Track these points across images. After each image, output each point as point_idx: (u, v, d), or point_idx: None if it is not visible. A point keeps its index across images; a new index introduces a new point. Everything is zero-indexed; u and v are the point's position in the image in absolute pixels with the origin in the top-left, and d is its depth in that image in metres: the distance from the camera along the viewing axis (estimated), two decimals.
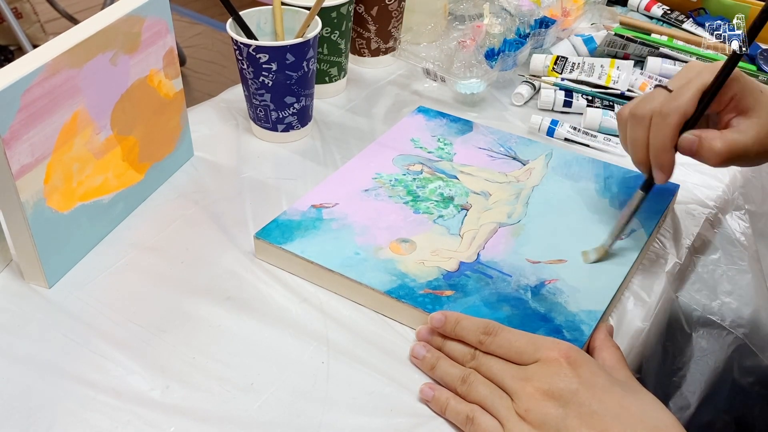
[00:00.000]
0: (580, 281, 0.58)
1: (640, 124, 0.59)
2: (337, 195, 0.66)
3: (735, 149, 0.56)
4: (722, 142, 0.56)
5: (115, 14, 0.60)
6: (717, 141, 0.56)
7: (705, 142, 0.57)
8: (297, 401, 0.51)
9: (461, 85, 0.83)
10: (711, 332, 0.70)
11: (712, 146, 0.56)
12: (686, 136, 0.57)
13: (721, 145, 0.56)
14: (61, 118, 0.56)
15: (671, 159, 0.58)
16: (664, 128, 0.57)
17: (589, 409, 0.45)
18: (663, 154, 0.58)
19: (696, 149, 0.57)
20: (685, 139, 0.57)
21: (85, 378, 0.52)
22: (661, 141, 0.58)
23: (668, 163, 0.58)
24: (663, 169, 0.59)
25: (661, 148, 0.58)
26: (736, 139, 0.57)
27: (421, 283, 0.57)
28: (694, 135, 0.57)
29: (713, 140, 0.56)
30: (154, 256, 0.63)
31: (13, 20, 1.92)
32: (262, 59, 0.71)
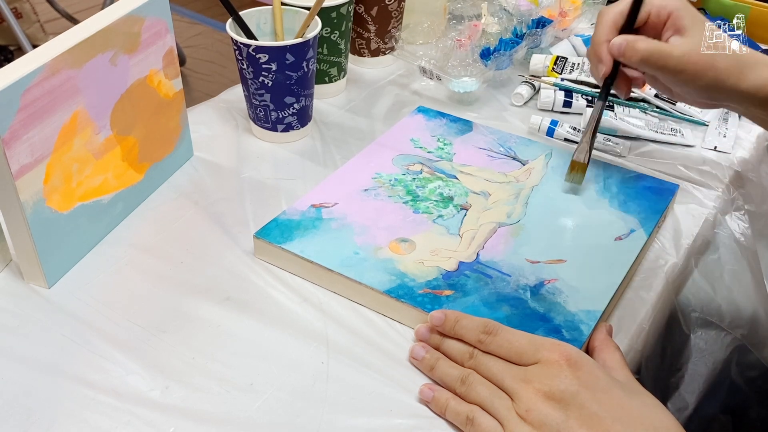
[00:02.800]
0: (580, 281, 0.58)
1: None
2: (336, 195, 0.66)
3: (656, 53, 0.61)
4: (646, 44, 0.61)
5: (114, 14, 0.60)
6: (641, 42, 0.62)
7: (630, 43, 0.62)
8: (297, 401, 0.51)
9: (455, 83, 0.83)
10: (710, 333, 0.70)
11: (635, 46, 0.61)
12: (616, 39, 0.63)
13: (644, 46, 0.61)
14: (60, 118, 0.56)
15: (606, 52, 0.64)
16: (602, 25, 0.64)
17: (590, 411, 0.45)
18: (597, 47, 0.64)
19: (623, 50, 0.62)
20: (615, 42, 0.63)
21: (85, 378, 0.52)
22: (597, 36, 0.65)
23: (605, 56, 0.64)
24: (601, 60, 0.64)
25: (596, 41, 0.65)
26: (661, 47, 0.61)
27: (420, 282, 0.57)
28: (623, 37, 0.63)
29: (637, 41, 0.62)
30: (153, 257, 0.63)
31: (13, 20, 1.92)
32: (261, 59, 0.71)
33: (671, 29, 0.62)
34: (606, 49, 0.64)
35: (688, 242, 0.67)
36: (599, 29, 0.65)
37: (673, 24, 0.62)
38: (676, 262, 0.65)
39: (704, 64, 0.60)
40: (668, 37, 0.63)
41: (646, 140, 0.80)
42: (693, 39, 0.61)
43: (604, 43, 0.64)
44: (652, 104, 0.84)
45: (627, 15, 0.64)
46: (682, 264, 0.65)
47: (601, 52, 0.64)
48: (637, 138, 0.79)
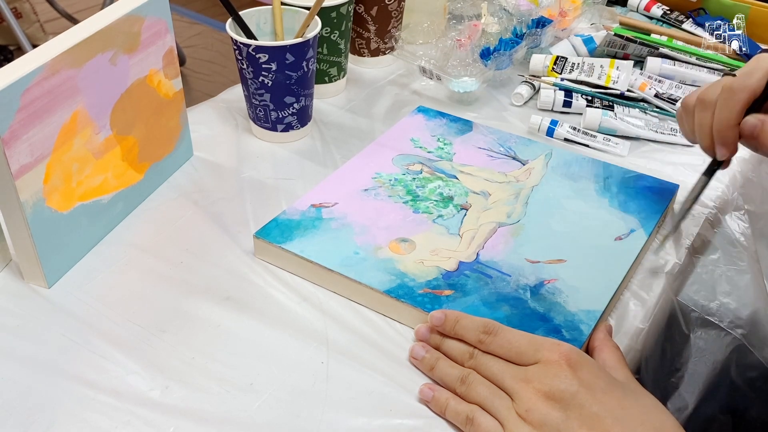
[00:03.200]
0: (580, 281, 0.58)
1: (707, 109, 0.58)
2: (336, 194, 0.66)
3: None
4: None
5: (114, 14, 0.60)
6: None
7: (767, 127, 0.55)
8: (296, 401, 0.51)
9: (455, 83, 0.83)
10: (709, 333, 0.70)
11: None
12: (750, 118, 0.56)
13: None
14: (60, 118, 0.56)
15: (735, 135, 0.57)
16: (731, 104, 0.56)
17: (590, 411, 0.45)
18: (727, 130, 0.57)
19: (758, 133, 0.55)
20: (749, 121, 0.56)
21: (85, 378, 0.52)
22: (726, 116, 0.56)
23: (732, 140, 0.57)
24: (726, 145, 0.57)
25: (726, 124, 0.56)
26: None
27: (420, 282, 0.57)
28: (758, 118, 0.56)
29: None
30: (153, 256, 0.63)
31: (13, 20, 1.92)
32: (261, 59, 0.71)
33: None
34: (735, 133, 0.57)
35: (688, 242, 0.67)
36: (730, 109, 0.56)
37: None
38: (676, 261, 0.65)
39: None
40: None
41: (646, 140, 0.80)
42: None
43: (735, 127, 0.56)
44: (652, 104, 0.84)
45: (762, 92, 0.56)
46: (682, 264, 0.65)
47: (729, 136, 0.57)
48: (637, 138, 0.80)
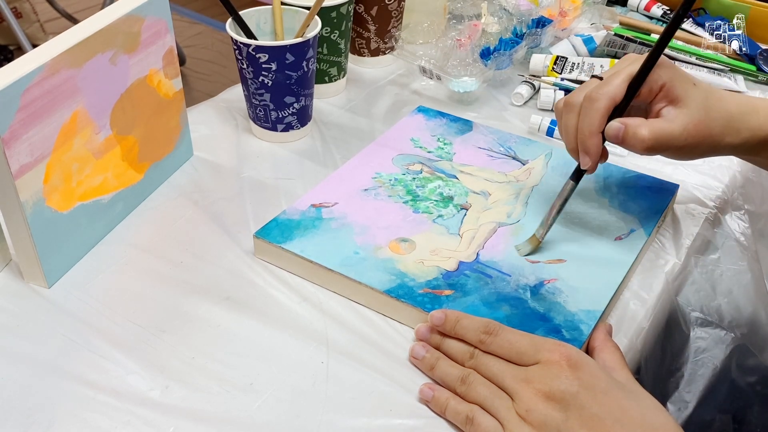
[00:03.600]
0: (580, 281, 0.58)
1: (572, 111, 0.59)
2: (336, 194, 0.66)
3: (661, 137, 0.57)
4: (648, 129, 0.56)
5: (114, 14, 0.60)
6: (643, 128, 0.57)
7: (631, 129, 0.57)
8: (296, 401, 0.51)
9: (455, 83, 0.83)
10: (709, 332, 0.70)
11: (637, 133, 0.56)
12: (613, 123, 0.57)
13: (647, 133, 0.56)
14: (60, 118, 0.56)
15: (597, 144, 0.58)
16: (592, 113, 0.57)
17: (590, 412, 0.45)
18: (589, 139, 0.58)
19: (622, 136, 0.57)
20: (612, 127, 0.57)
21: (85, 378, 0.52)
22: (588, 125, 0.58)
23: (594, 148, 0.58)
24: (589, 153, 0.58)
25: (588, 132, 0.58)
26: (662, 128, 0.57)
27: (420, 282, 0.57)
28: (620, 122, 0.57)
29: (639, 127, 0.57)
30: (153, 256, 0.63)
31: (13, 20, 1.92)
32: (261, 59, 0.71)
33: (664, 100, 0.58)
34: (597, 141, 0.58)
35: (688, 242, 0.67)
36: (591, 117, 0.57)
37: (666, 95, 0.58)
38: (676, 261, 0.65)
39: (702, 134, 0.58)
40: (660, 109, 0.58)
41: None
42: (689, 109, 0.57)
43: (597, 135, 0.58)
44: None
45: (623, 98, 0.58)
46: (682, 263, 0.65)
47: (592, 145, 0.58)
48: None
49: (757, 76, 0.90)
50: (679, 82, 0.58)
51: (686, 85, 0.58)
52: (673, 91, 0.57)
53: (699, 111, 0.57)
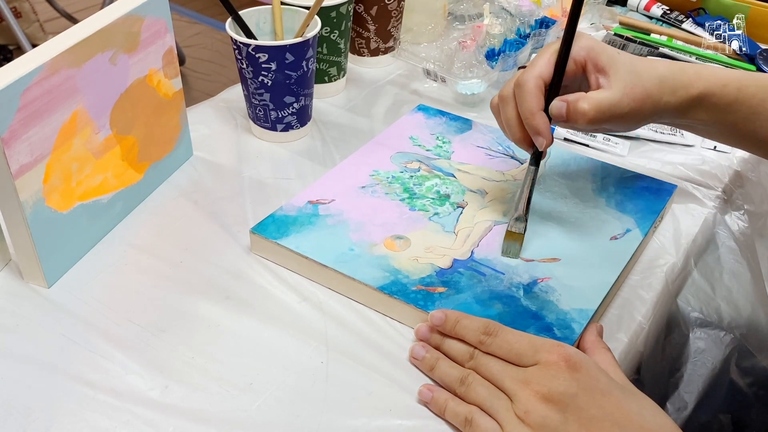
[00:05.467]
0: (573, 280, 0.58)
1: (508, 103, 0.59)
2: (333, 191, 0.67)
3: (601, 106, 0.56)
4: (588, 101, 0.56)
5: (114, 14, 0.60)
6: (583, 102, 0.56)
7: (572, 105, 0.56)
8: (296, 401, 0.51)
9: (462, 85, 0.83)
10: (708, 333, 0.71)
11: (578, 108, 0.56)
12: (555, 103, 0.57)
13: (588, 105, 0.56)
14: (60, 118, 0.56)
15: (544, 121, 0.58)
16: (526, 95, 0.57)
17: (588, 414, 0.45)
18: (533, 118, 0.57)
19: (566, 113, 0.57)
20: (554, 106, 0.57)
21: (84, 377, 0.52)
22: (527, 107, 0.57)
23: (543, 126, 0.58)
24: (540, 132, 0.58)
25: (529, 113, 0.57)
26: (603, 97, 0.56)
27: (414, 279, 0.57)
28: (560, 100, 0.57)
29: (578, 101, 0.56)
30: (153, 256, 0.63)
31: (12, 19, 1.92)
32: (261, 59, 0.71)
33: (593, 72, 0.58)
34: (543, 119, 0.58)
35: (688, 242, 0.67)
36: (527, 99, 0.57)
37: (594, 67, 0.58)
38: (675, 261, 0.65)
39: (640, 96, 0.57)
40: (596, 80, 0.58)
41: (646, 140, 0.80)
42: (619, 74, 0.57)
43: (539, 113, 0.57)
44: None
45: (553, 75, 0.58)
46: (681, 264, 0.65)
47: (539, 124, 0.57)
48: (637, 138, 0.80)
49: None
50: (602, 51, 0.58)
51: (610, 52, 0.58)
52: (599, 61, 0.57)
53: (630, 75, 0.57)
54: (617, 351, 0.56)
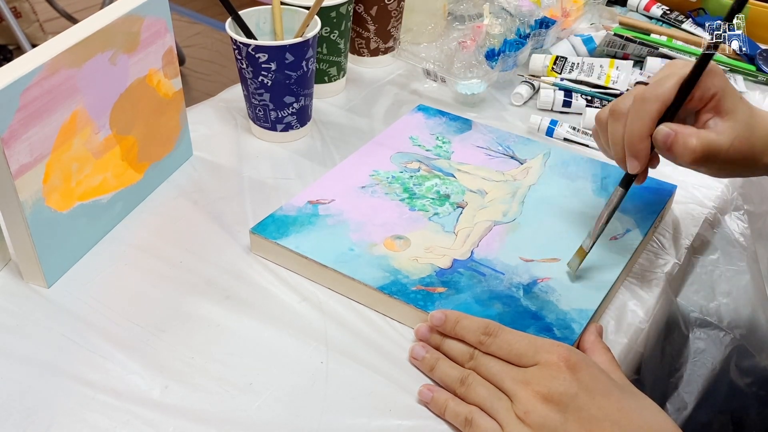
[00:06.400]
0: (573, 280, 0.58)
1: (619, 120, 0.57)
2: (333, 191, 0.67)
3: (710, 149, 0.54)
4: (698, 139, 0.54)
5: (114, 14, 0.60)
6: (693, 138, 0.54)
7: (680, 138, 0.54)
8: (296, 401, 0.51)
9: (462, 85, 0.83)
10: (708, 333, 0.70)
11: (687, 142, 0.54)
12: (662, 128, 0.55)
13: (697, 143, 0.54)
14: (60, 118, 0.56)
15: (646, 147, 0.56)
16: (643, 115, 0.55)
17: (588, 414, 0.45)
18: (639, 142, 0.56)
19: (671, 143, 0.55)
20: (661, 131, 0.55)
21: (84, 377, 0.52)
22: (638, 128, 0.55)
23: (644, 152, 0.56)
24: (638, 157, 0.56)
25: (638, 135, 0.56)
26: (712, 140, 0.55)
27: (413, 279, 0.57)
28: (670, 128, 0.55)
29: (689, 136, 0.54)
30: (153, 256, 0.63)
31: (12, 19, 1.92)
32: (261, 59, 0.71)
33: (711, 111, 0.56)
34: (647, 144, 0.55)
35: (688, 242, 0.67)
36: (642, 120, 0.55)
37: (715, 106, 0.55)
38: (675, 261, 0.65)
39: (745, 151, 0.55)
40: (707, 120, 0.56)
41: None
42: (736, 123, 0.55)
43: (647, 138, 0.55)
44: None
45: (673, 102, 0.55)
46: (681, 264, 0.65)
47: (641, 148, 0.56)
48: None
49: (756, 76, 0.90)
50: (730, 94, 0.56)
51: (735, 98, 0.56)
52: (723, 103, 0.55)
53: (745, 126, 0.55)
54: (617, 351, 0.56)
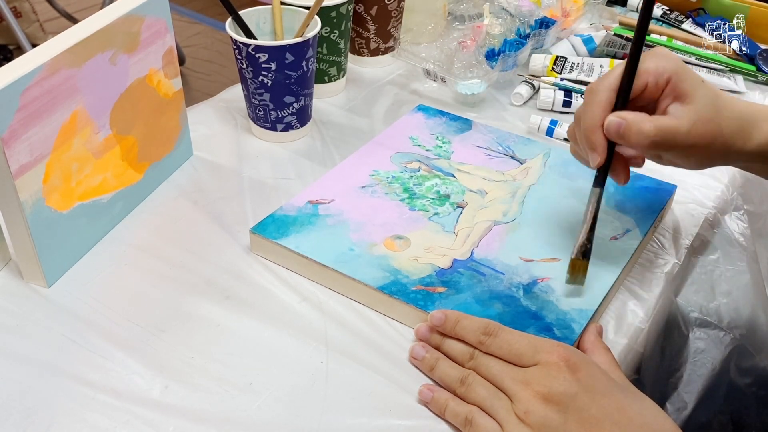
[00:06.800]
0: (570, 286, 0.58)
1: (579, 122, 0.57)
2: (333, 191, 0.67)
3: (666, 133, 0.52)
4: (652, 124, 0.52)
5: (114, 14, 0.60)
6: (646, 123, 0.52)
7: (633, 125, 0.52)
8: (296, 401, 0.51)
9: (462, 85, 0.83)
10: (708, 333, 0.70)
11: (641, 128, 0.52)
12: (611, 118, 0.53)
13: (650, 127, 0.52)
14: (60, 118, 0.56)
15: (601, 138, 0.54)
16: (593, 106, 0.54)
17: (588, 414, 0.45)
18: (592, 134, 0.54)
19: (623, 131, 0.53)
20: (611, 122, 0.53)
21: (84, 377, 0.52)
22: (590, 119, 0.54)
23: (599, 143, 0.54)
24: (595, 149, 0.54)
25: (590, 126, 0.54)
26: (668, 124, 0.52)
27: (413, 279, 0.58)
28: (619, 116, 0.53)
29: (642, 123, 0.52)
30: (153, 256, 0.63)
31: (12, 19, 1.92)
32: (261, 59, 0.71)
33: (670, 96, 0.54)
34: (601, 134, 0.54)
35: (688, 242, 0.67)
36: (592, 111, 0.54)
37: (673, 90, 0.54)
38: (675, 262, 0.65)
39: (712, 133, 0.53)
40: (667, 106, 0.54)
41: None
42: (696, 105, 0.53)
43: (599, 128, 0.54)
44: None
45: (618, 90, 0.54)
46: (681, 264, 0.65)
47: (596, 139, 0.54)
48: None
49: (756, 76, 0.90)
50: (687, 78, 0.54)
51: (694, 81, 0.54)
52: (681, 86, 0.53)
53: (708, 109, 0.53)
54: (617, 351, 0.56)
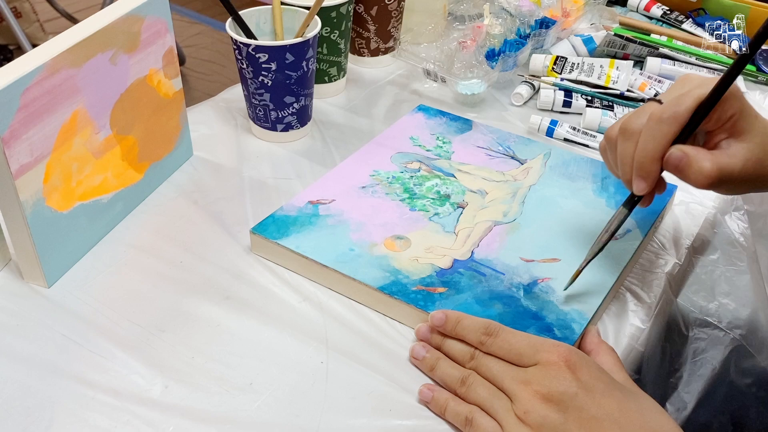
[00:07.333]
0: None
1: (630, 139, 0.54)
2: (334, 191, 0.67)
3: (724, 173, 0.52)
4: (712, 163, 0.51)
5: (114, 14, 0.60)
6: (707, 162, 0.51)
7: (694, 161, 0.51)
8: (296, 401, 0.51)
9: (462, 85, 0.83)
10: (708, 333, 0.71)
11: (701, 166, 0.51)
12: (674, 151, 0.52)
13: (711, 167, 0.51)
14: (60, 118, 0.56)
15: (657, 169, 0.53)
16: (658, 136, 0.52)
17: (588, 414, 0.45)
18: (650, 164, 0.53)
19: (683, 166, 0.52)
20: (673, 155, 0.52)
21: (84, 377, 0.52)
22: (652, 148, 0.52)
23: (654, 174, 0.53)
24: (647, 179, 0.53)
25: (651, 156, 0.53)
26: (726, 163, 0.52)
27: (414, 279, 0.58)
28: (681, 151, 0.52)
29: (703, 160, 0.51)
30: (152, 256, 0.63)
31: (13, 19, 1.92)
32: (261, 59, 0.71)
33: (726, 132, 0.53)
34: (659, 166, 0.53)
35: (688, 242, 0.67)
36: (656, 142, 0.52)
37: (732, 126, 0.52)
38: (675, 262, 0.65)
39: (758, 172, 0.53)
40: (721, 140, 0.53)
41: None
42: (750, 144, 0.52)
43: (659, 161, 0.52)
44: None
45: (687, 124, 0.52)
46: (681, 264, 0.65)
47: (651, 170, 0.53)
48: None
49: (757, 76, 0.90)
50: (746, 115, 0.53)
51: (751, 118, 0.53)
52: (739, 124, 0.52)
53: (759, 147, 0.53)
54: (617, 351, 0.56)
